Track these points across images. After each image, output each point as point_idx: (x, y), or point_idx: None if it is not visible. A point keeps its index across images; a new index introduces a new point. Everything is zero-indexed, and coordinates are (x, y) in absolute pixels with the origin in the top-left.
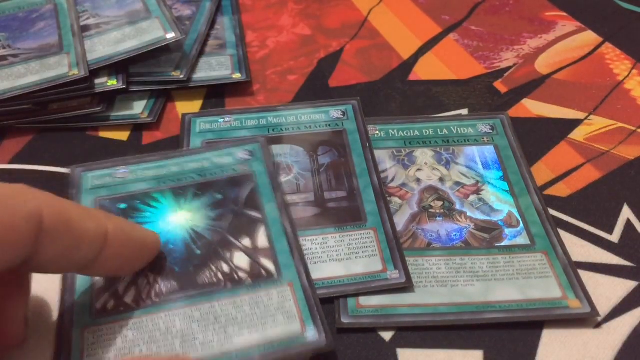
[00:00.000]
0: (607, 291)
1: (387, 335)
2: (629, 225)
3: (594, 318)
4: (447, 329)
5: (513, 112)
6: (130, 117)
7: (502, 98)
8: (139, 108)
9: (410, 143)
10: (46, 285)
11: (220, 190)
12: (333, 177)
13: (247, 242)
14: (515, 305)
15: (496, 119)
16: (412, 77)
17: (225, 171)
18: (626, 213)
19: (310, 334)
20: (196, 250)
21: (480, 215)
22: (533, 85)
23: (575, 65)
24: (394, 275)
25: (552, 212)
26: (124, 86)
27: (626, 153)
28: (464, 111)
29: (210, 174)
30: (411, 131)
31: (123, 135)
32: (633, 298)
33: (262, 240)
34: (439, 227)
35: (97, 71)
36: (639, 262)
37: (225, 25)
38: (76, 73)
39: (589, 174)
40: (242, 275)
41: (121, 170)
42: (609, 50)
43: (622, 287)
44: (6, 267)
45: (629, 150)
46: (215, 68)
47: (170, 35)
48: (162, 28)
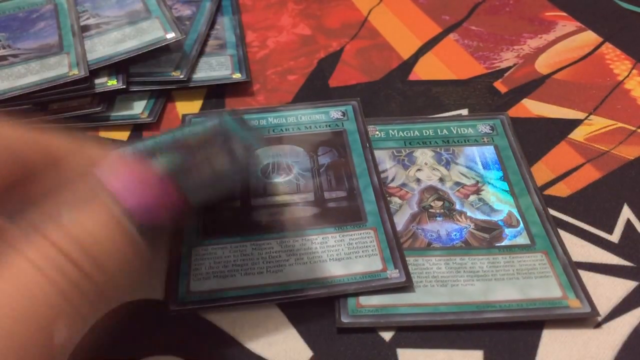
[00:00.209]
0: (607, 291)
1: (387, 335)
2: (629, 225)
3: (594, 318)
4: (447, 328)
5: (513, 112)
6: (130, 117)
7: (502, 98)
8: (139, 108)
9: (410, 143)
10: None
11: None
12: (333, 177)
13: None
14: (515, 305)
15: (496, 119)
16: (412, 77)
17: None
18: (626, 213)
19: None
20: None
21: (480, 215)
22: (533, 85)
23: (575, 65)
24: (394, 274)
25: (552, 212)
26: (124, 86)
27: (626, 153)
28: (464, 111)
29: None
30: (411, 131)
31: (123, 136)
32: (633, 298)
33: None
34: (439, 227)
35: (97, 71)
36: (639, 262)
37: (225, 25)
38: (76, 73)
39: (589, 174)
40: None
41: None
42: (609, 50)
43: (622, 287)
44: None
45: (629, 150)
46: (215, 68)
47: (170, 35)
48: (162, 28)
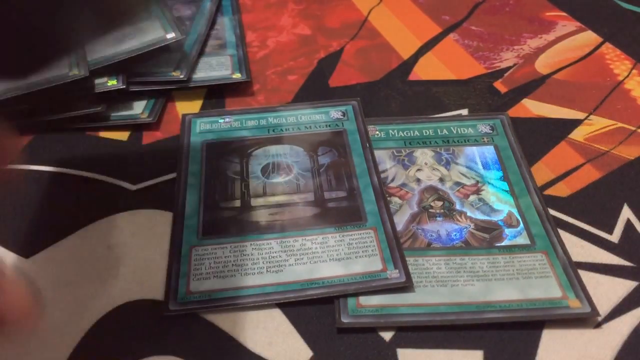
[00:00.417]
0: (607, 291)
1: (387, 335)
2: (629, 225)
3: (594, 318)
4: (447, 328)
5: (513, 112)
6: (130, 117)
7: (502, 98)
8: (139, 108)
9: (410, 143)
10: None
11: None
12: (333, 177)
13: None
14: (516, 305)
15: (496, 119)
16: (412, 77)
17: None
18: (626, 213)
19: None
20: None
21: (480, 215)
22: (533, 85)
23: (575, 65)
24: (394, 274)
25: (552, 212)
26: (124, 86)
27: (626, 153)
28: (464, 111)
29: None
30: (411, 131)
31: (123, 135)
32: (633, 298)
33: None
34: (439, 227)
35: (97, 71)
36: (639, 262)
37: (225, 25)
38: (76, 73)
39: (589, 174)
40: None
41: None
42: (609, 50)
43: (622, 287)
44: None
45: (629, 150)
46: (215, 68)
47: (170, 35)
48: (162, 28)
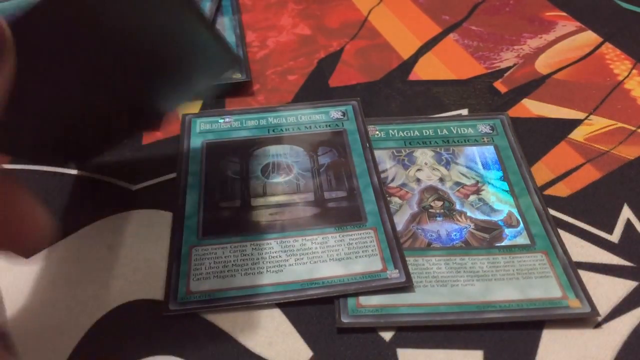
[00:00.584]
0: (607, 291)
1: (387, 335)
2: (629, 225)
3: (594, 318)
4: (447, 328)
5: (513, 112)
6: None
7: (502, 98)
8: None
9: (410, 143)
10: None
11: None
12: (333, 177)
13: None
14: (515, 305)
15: (496, 119)
16: (412, 77)
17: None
18: (626, 213)
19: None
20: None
21: (480, 215)
22: (533, 85)
23: (575, 65)
24: (394, 274)
25: (552, 212)
26: None
27: (626, 153)
28: (464, 111)
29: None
30: (411, 131)
31: None
32: (633, 298)
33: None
34: (439, 227)
35: None
36: (639, 262)
37: (225, 25)
38: None
39: (589, 174)
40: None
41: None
42: (609, 50)
43: (622, 287)
44: None
45: (629, 150)
46: None
47: None
48: None
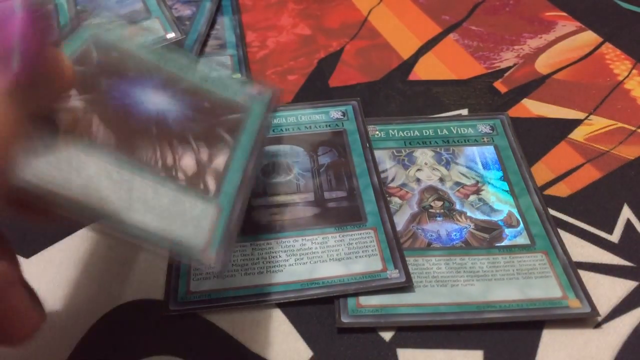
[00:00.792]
0: (607, 291)
1: (387, 335)
2: (629, 225)
3: (594, 318)
4: (447, 328)
5: (513, 112)
6: None
7: (502, 98)
8: None
9: (410, 143)
10: None
11: (211, 102)
12: (333, 177)
13: (204, 155)
14: (515, 305)
15: (496, 119)
16: (412, 77)
17: (228, 92)
18: (626, 213)
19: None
20: (152, 128)
21: (480, 215)
22: (533, 85)
23: (575, 65)
24: (394, 274)
25: (552, 212)
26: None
27: (626, 153)
28: (464, 111)
29: (214, 86)
30: (411, 131)
31: None
32: (633, 298)
33: (219, 161)
34: (439, 227)
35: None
36: (639, 262)
37: (225, 25)
38: None
39: (589, 174)
40: (180, 175)
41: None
42: (609, 50)
43: (622, 287)
44: None
45: (629, 150)
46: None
47: (170, 35)
48: (162, 28)
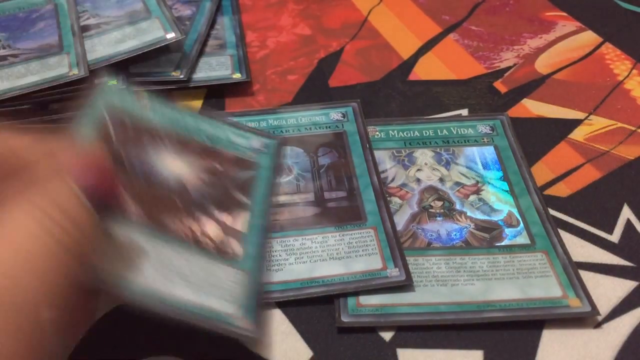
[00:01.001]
0: (607, 291)
1: (387, 335)
2: (629, 225)
3: (594, 318)
4: (447, 328)
5: (513, 112)
6: None
7: (502, 98)
8: None
9: (410, 143)
10: None
11: (222, 163)
12: (333, 178)
13: (226, 219)
14: (516, 305)
15: (496, 120)
16: (412, 77)
17: (236, 149)
18: (626, 213)
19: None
20: (175, 200)
21: (480, 215)
22: (533, 85)
23: (575, 65)
24: (394, 273)
25: (552, 212)
26: (124, 86)
27: (626, 153)
28: (464, 111)
29: (220, 145)
30: (411, 132)
31: None
32: (633, 298)
33: (240, 224)
34: (439, 227)
35: (97, 71)
36: (639, 262)
37: (225, 25)
38: (76, 73)
39: (589, 174)
40: (209, 243)
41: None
42: (609, 50)
43: (622, 287)
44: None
45: (629, 150)
46: (215, 68)
47: (170, 35)
48: (162, 28)
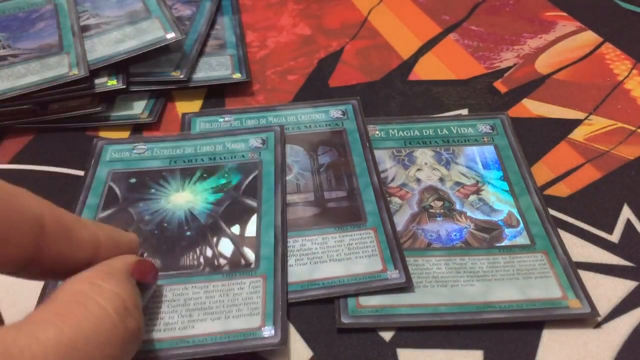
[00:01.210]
0: (607, 291)
1: (387, 335)
2: (629, 225)
3: (594, 318)
4: (447, 328)
5: (513, 112)
6: (130, 117)
7: (502, 98)
8: (139, 108)
9: (410, 143)
10: None
11: (225, 175)
12: (333, 177)
13: (236, 230)
14: (515, 305)
15: (496, 119)
16: (412, 77)
17: (235, 157)
18: (626, 213)
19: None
20: (187, 232)
21: (480, 215)
22: (533, 85)
23: (575, 65)
24: (394, 275)
25: (552, 212)
26: (124, 86)
27: (626, 153)
28: (464, 111)
29: (221, 158)
30: (411, 131)
31: (123, 135)
32: (633, 298)
33: (251, 229)
34: (439, 227)
35: (97, 71)
36: (639, 262)
37: (225, 25)
38: (76, 73)
39: (589, 174)
40: (222, 261)
41: (140, 146)
42: (609, 50)
43: (622, 287)
44: (8, 269)
45: (629, 150)
46: (215, 68)
47: (170, 35)
48: (162, 28)
